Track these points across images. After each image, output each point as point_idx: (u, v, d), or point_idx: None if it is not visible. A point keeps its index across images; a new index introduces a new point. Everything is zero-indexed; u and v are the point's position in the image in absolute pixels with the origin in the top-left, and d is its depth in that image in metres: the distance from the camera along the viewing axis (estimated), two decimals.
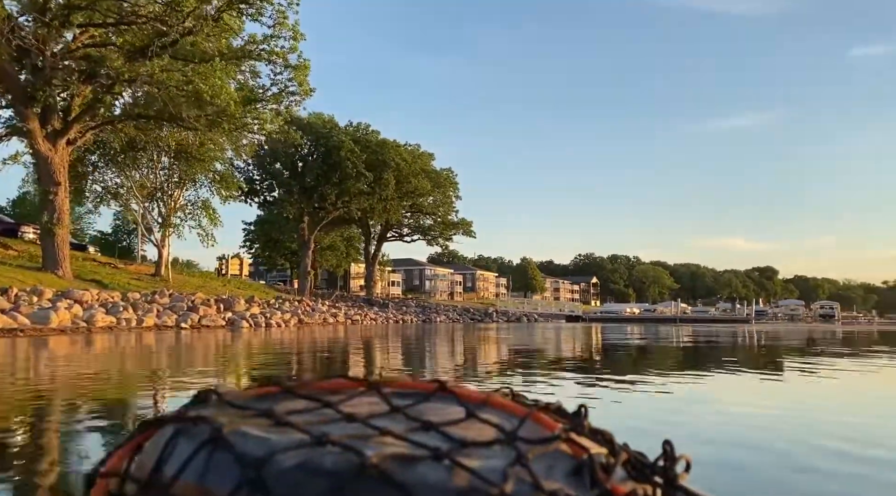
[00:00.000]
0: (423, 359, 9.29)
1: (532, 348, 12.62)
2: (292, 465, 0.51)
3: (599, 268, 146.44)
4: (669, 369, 7.62)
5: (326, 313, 38.79)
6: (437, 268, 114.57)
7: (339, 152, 46.88)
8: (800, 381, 6.23)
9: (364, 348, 12.41)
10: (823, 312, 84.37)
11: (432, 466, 0.51)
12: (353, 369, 7.54)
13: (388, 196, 49.74)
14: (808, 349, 12.14)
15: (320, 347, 12.57)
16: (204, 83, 24.45)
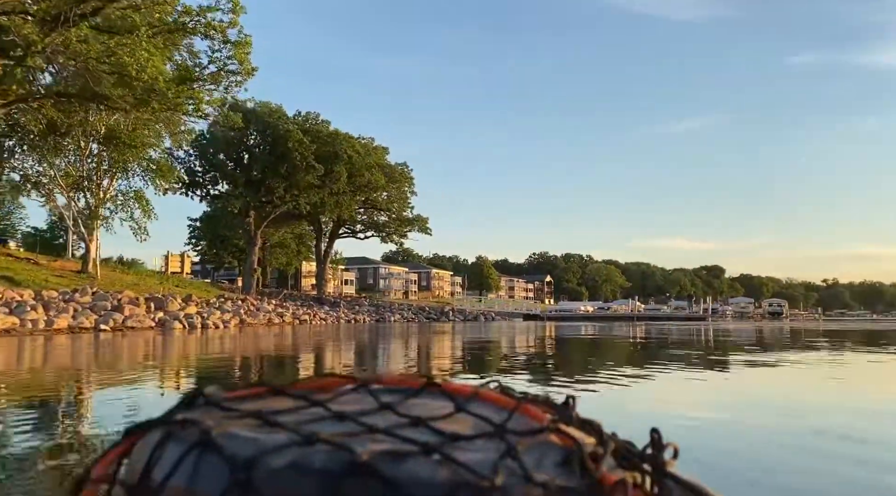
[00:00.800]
0: (376, 369, 7.46)
1: (502, 349, 11.27)
2: (282, 465, 0.51)
3: (553, 267, 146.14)
4: (693, 366, 7.86)
5: (272, 313, 36.03)
6: (392, 267, 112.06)
7: (286, 143, 44.03)
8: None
9: (301, 355, 10.13)
10: (772, 310, 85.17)
11: (423, 461, 0.51)
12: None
13: (339, 190, 47.10)
14: (793, 344, 13.18)
15: (248, 353, 10.21)
16: (129, 56, 21.60)
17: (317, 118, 47.31)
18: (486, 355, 10.34)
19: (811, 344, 13.40)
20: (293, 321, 36.27)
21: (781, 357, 9.43)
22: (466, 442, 0.54)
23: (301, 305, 44.42)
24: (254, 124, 45.06)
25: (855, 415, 4.22)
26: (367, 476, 0.49)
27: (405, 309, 50.35)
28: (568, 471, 0.53)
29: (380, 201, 59.54)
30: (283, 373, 7.29)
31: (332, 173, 45.92)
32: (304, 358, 10.00)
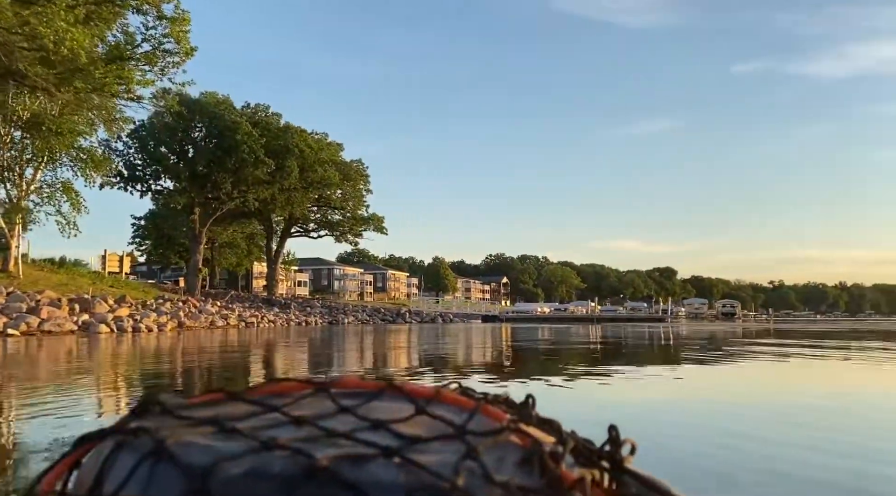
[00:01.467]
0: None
1: (468, 354, 10.28)
2: (240, 473, 0.49)
3: (510, 269, 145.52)
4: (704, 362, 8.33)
5: (215, 315, 33.49)
6: (347, 268, 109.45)
7: (234, 135, 41.42)
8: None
9: (234, 362, 8.14)
10: (725, 310, 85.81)
11: (383, 464, 0.50)
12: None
13: (290, 186, 44.67)
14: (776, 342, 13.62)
15: (163, 359, 8.19)
16: (45, 27, 19.09)
17: (266, 110, 44.77)
18: (456, 363, 8.56)
19: (805, 345, 13.24)
20: (238, 324, 33.81)
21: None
22: (427, 444, 0.53)
23: (249, 307, 41.85)
24: (199, 116, 42.33)
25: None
26: (326, 481, 0.48)
27: (359, 310, 48.19)
28: (528, 470, 0.53)
29: (334, 199, 57.20)
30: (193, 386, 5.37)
31: (282, 168, 43.48)
32: (223, 365, 8.04)
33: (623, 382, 6.02)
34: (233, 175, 42.96)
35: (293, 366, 8.47)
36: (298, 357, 10.45)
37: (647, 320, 53.97)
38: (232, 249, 76.52)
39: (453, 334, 23.27)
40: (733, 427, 3.60)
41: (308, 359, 9.94)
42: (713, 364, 8.24)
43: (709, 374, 7.07)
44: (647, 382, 6.20)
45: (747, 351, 11.00)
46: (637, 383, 6.05)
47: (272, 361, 9.27)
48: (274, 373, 7.19)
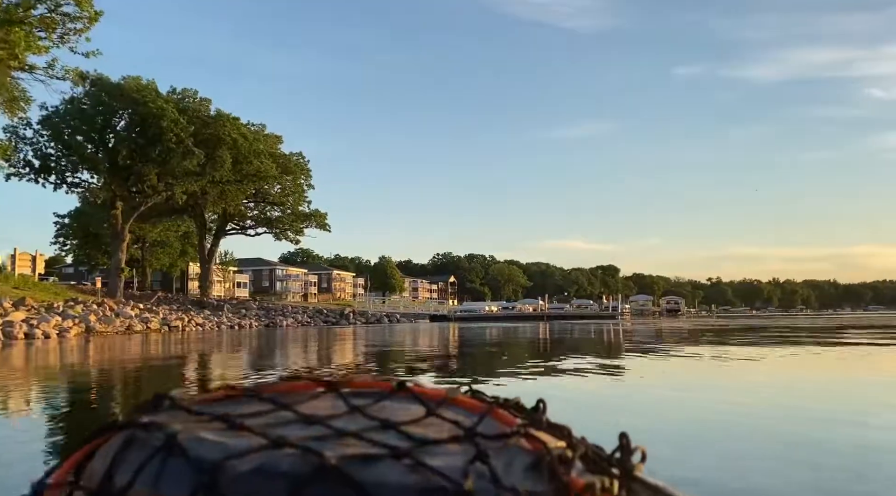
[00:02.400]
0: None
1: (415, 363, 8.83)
2: (249, 469, 0.50)
3: (457, 268, 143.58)
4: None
5: (135, 319, 29.89)
6: (290, 269, 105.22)
7: (159, 123, 37.64)
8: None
9: None
10: (670, 307, 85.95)
11: (392, 465, 0.50)
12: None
13: (223, 178, 41.10)
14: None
15: None
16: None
17: (195, 96, 41.01)
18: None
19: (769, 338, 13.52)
20: (161, 328, 30.28)
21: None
22: (436, 446, 0.53)
23: (177, 309, 38.15)
24: (119, 102, 38.35)
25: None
26: (335, 480, 0.48)
27: (300, 312, 44.95)
28: (537, 475, 0.52)
29: (272, 194, 53.66)
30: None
31: (213, 159, 39.89)
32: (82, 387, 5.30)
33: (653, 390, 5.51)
34: (158, 166, 39.15)
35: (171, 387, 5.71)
36: (192, 373, 7.72)
37: (598, 317, 52.54)
38: (164, 249, 71.78)
39: (400, 336, 20.79)
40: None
41: (207, 375, 7.30)
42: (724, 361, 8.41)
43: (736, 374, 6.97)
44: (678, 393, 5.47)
45: (725, 346, 11.40)
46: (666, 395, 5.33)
47: (142, 383, 6.51)
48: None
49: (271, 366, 8.98)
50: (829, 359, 8.75)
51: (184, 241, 65.68)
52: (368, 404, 0.62)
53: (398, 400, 0.64)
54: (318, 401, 0.63)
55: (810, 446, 3.03)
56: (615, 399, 4.80)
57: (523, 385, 5.65)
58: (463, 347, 13.97)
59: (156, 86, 40.04)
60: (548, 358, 9.49)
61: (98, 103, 38.31)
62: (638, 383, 5.97)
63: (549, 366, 7.59)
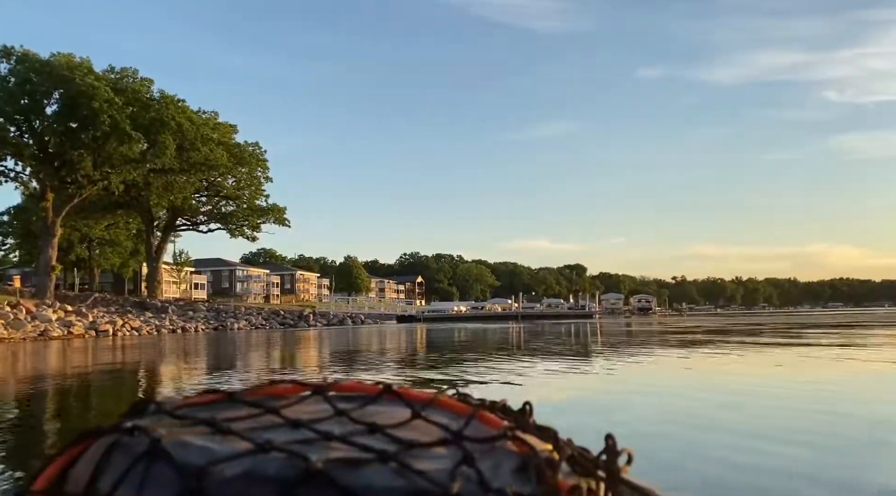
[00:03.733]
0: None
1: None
2: (235, 474, 0.48)
3: (425, 268, 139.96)
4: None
5: (54, 323, 25.61)
6: (251, 269, 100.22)
7: (90, 103, 33.20)
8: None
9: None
10: (641, 306, 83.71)
11: (379, 469, 0.50)
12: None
13: (166, 167, 36.75)
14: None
15: None
16: None
17: (135, 75, 36.53)
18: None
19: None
20: (86, 333, 26.03)
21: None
22: (423, 449, 0.53)
23: (114, 312, 33.77)
24: (47, 80, 33.78)
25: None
26: (321, 484, 0.47)
27: (254, 314, 40.81)
28: (524, 478, 0.52)
29: (226, 187, 49.32)
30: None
31: (155, 145, 35.57)
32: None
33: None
34: (92, 153, 34.69)
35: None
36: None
37: (574, 317, 49.51)
38: (114, 248, 66.54)
39: (363, 340, 17.38)
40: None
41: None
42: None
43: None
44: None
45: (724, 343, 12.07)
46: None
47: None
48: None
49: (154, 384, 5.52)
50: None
51: (136, 240, 60.66)
52: (355, 407, 0.60)
53: (385, 403, 0.63)
54: (304, 405, 0.62)
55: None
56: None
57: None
58: (435, 352, 10.83)
59: (90, 64, 35.52)
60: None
61: (24, 81, 33.69)
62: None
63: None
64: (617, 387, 6.40)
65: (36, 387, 7.45)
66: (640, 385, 6.51)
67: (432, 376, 7.64)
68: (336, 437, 0.54)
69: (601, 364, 8.90)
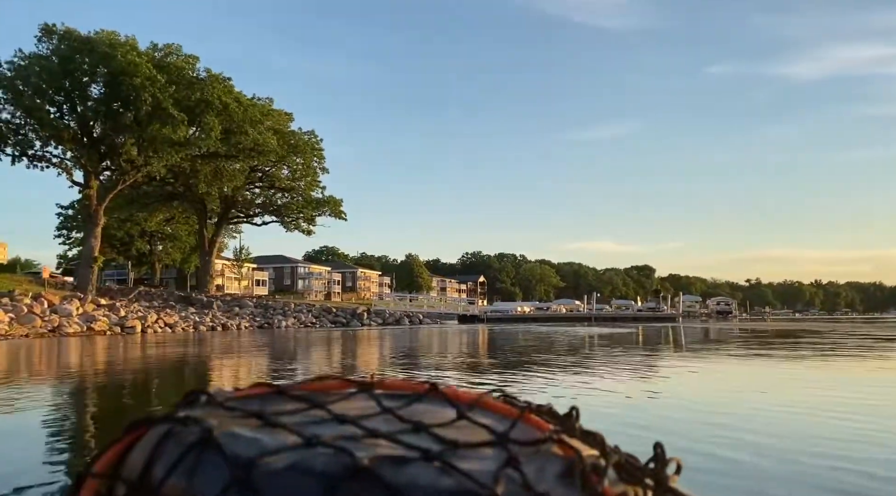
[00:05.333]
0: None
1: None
2: (283, 467, 0.49)
3: (487, 267, 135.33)
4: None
5: (74, 317, 22.48)
6: (313, 266, 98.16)
7: (131, 80, 30.30)
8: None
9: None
10: (720, 309, 76.31)
11: (423, 468, 0.49)
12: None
13: (211, 150, 33.58)
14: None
15: None
16: None
17: (178, 51, 33.50)
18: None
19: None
20: (110, 330, 22.78)
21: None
22: (468, 450, 0.52)
23: (157, 307, 30.80)
24: (89, 57, 31.13)
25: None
26: (367, 480, 0.48)
27: (304, 311, 37.24)
28: (569, 482, 0.51)
29: (280, 178, 46.21)
30: None
31: (199, 126, 32.43)
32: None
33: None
34: (136, 136, 31.84)
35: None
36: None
37: (656, 319, 43.85)
38: (174, 243, 64.93)
39: (419, 343, 13.20)
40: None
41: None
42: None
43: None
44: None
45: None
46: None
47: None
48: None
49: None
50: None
51: (197, 236, 58.72)
52: (400, 406, 0.60)
53: (430, 402, 0.62)
54: (351, 402, 0.62)
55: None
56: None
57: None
58: (528, 366, 6.45)
59: (135, 42, 32.70)
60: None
61: (64, 60, 31.12)
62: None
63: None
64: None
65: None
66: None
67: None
68: (382, 435, 0.53)
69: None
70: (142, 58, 30.74)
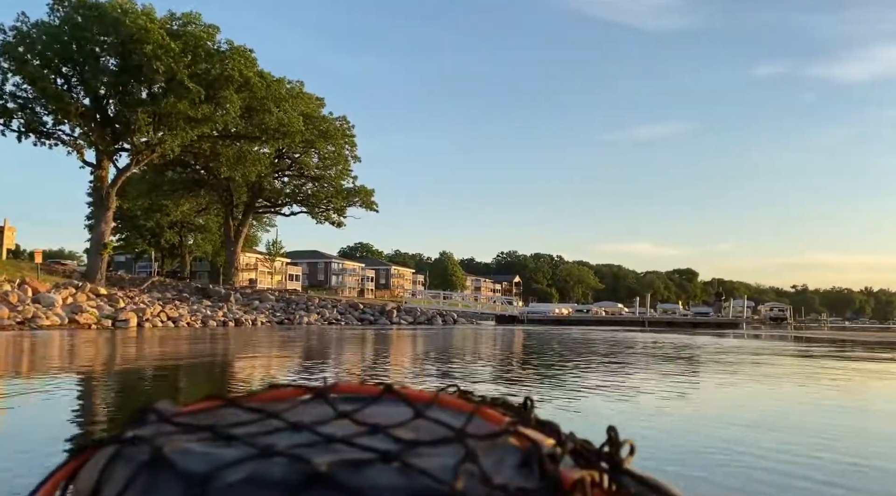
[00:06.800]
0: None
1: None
2: (239, 479, 0.47)
3: (522, 268, 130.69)
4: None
5: (58, 308, 19.23)
6: (347, 262, 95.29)
7: (142, 48, 27.12)
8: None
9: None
10: (774, 315, 70.42)
11: (382, 469, 0.48)
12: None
13: (229, 124, 30.26)
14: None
15: None
16: None
17: (197, 20, 30.19)
18: None
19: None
20: (99, 323, 19.46)
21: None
22: (426, 448, 0.52)
23: (170, 299, 27.59)
24: (98, 24, 28.09)
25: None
26: (326, 486, 0.46)
27: (328, 306, 33.66)
28: (527, 472, 0.51)
29: (309, 165, 42.86)
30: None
31: (216, 101, 29.12)
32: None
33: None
34: (149, 111, 28.70)
35: None
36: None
37: (720, 325, 39.03)
38: (205, 235, 62.33)
39: (453, 347, 9.27)
40: None
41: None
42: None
43: None
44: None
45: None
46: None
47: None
48: None
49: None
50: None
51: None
52: (356, 409, 0.58)
53: (386, 403, 0.61)
54: (306, 408, 0.60)
55: None
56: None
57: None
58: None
59: (152, 11, 29.53)
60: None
61: (76, 28, 28.13)
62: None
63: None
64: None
65: None
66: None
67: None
68: (338, 439, 0.52)
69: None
70: (154, 24, 27.51)
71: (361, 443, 0.51)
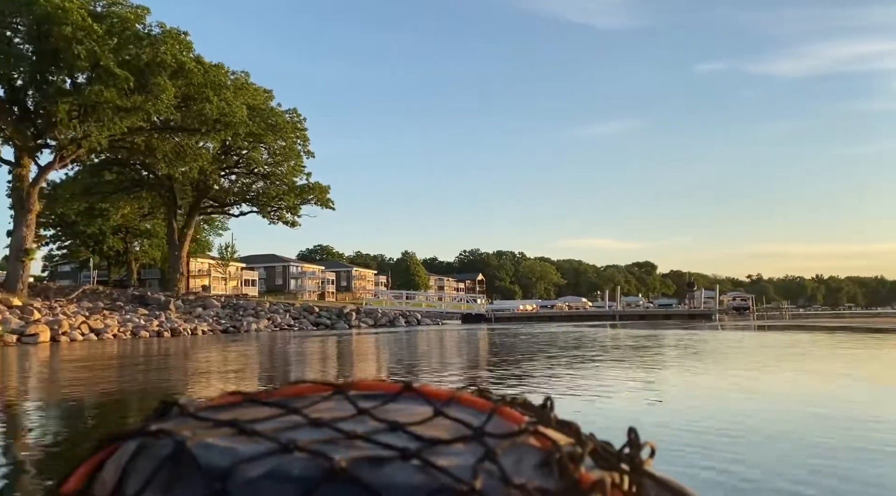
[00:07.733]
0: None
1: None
2: (259, 474, 0.47)
3: (485, 265, 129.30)
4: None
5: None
6: (306, 265, 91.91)
7: (60, 30, 24.05)
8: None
9: None
10: (737, 305, 70.27)
11: (401, 467, 0.48)
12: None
13: (161, 113, 27.35)
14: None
15: None
16: None
17: (124, 2, 27.11)
18: None
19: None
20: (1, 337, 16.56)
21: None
22: (445, 446, 0.51)
23: (95, 309, 24.56)
24: (6, 5, 24.86)
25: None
26: (345, 483, 0.47)
27: (280, 312, 30.98)
28: (546, 472, 0.50)
29: (258, 161, 39.97)
30: None
31: (147, 88, 26.17)
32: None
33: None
34: (72, 101, 25.60)
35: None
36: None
37: (692, 316, 37.70)
38: (152, 240, 58.50)
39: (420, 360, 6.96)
40: None
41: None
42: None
43: None
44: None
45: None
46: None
47: None
48: None
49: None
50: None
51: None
52: (376, 406, 0.59)
53: (405, 401, 0.61)
54: (326, 404, 0.60)
55: None
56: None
57: None
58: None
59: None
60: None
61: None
62: None
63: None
64: None
65: None
66: None
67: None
68: (358, 436, 0.52)
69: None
70: (73, 3, 24.45)
71: (381, 439, 0.51)
